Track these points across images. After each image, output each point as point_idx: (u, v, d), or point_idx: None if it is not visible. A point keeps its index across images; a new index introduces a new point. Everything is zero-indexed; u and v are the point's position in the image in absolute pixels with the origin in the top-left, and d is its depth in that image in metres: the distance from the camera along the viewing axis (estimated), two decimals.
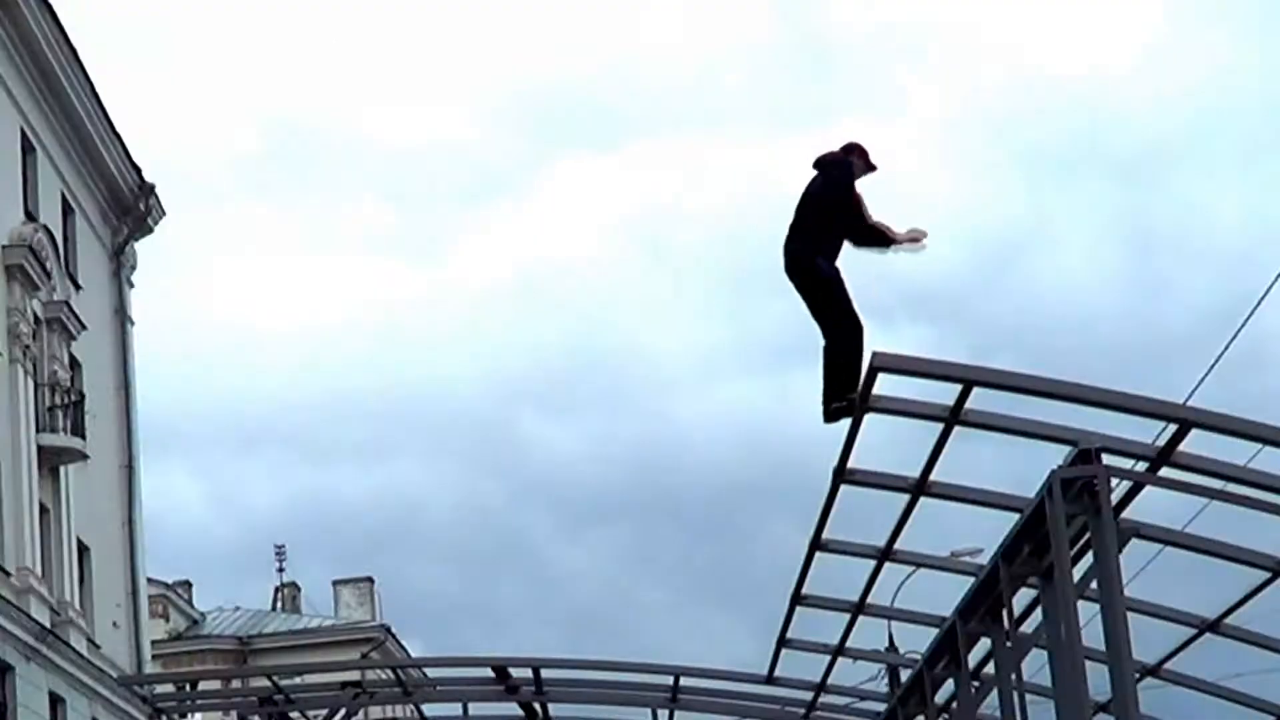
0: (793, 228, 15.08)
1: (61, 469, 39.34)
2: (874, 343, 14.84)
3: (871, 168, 15.19)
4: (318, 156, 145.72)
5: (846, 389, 14.93)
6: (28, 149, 39.74)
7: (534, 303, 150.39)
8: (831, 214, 15.04)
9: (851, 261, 15.24)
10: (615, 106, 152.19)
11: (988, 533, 18.44)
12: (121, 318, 45.47)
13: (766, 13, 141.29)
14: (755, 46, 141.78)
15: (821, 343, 15.09)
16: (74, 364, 40.67)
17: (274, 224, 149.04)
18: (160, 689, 39.33)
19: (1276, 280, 19.03)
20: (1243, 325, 20.03)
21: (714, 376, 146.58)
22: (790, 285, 15.04)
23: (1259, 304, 19.36)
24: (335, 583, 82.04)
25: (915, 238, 15.31)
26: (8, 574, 35.57)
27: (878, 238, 15.21)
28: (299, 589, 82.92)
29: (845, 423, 15.36)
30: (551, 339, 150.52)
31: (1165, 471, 15.34)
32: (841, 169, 15.07)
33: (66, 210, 42.21)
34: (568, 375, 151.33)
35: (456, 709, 31.11)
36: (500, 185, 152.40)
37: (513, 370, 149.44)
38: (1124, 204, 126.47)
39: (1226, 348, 17.78)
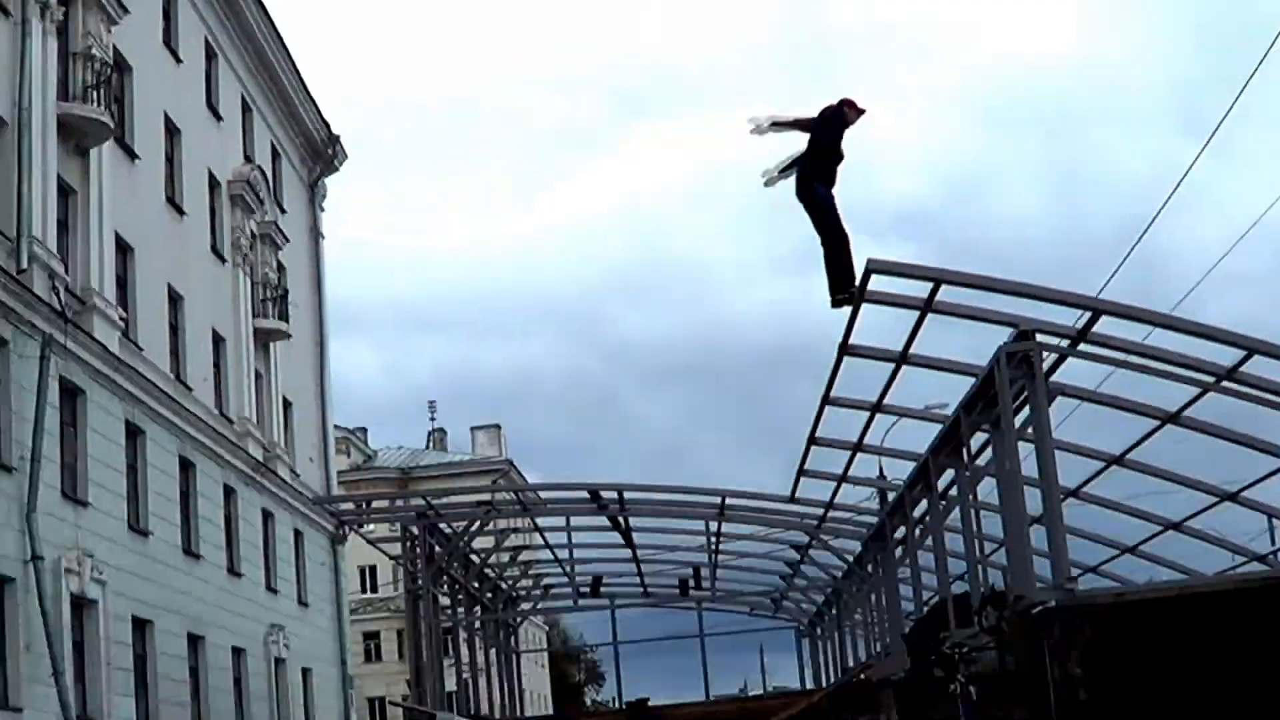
0: (802, 160, 15.20)
1: (271, 345, 39.82)
2: (869, 252, 14.98)
3: (860, 112, 15.21)
4: (461, 113, 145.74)
5: (846, 285, 15.07)
6: (246, 109, 40.08)
7: (621, 225, 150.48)
8: (828, 152, 15.13)
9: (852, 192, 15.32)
10: (675, 82, 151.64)
11: (952, 392, 18.54)
12: (315, 234, 45.84)
13: (781, 12, 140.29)
14: (775, 38, 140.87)
15: (821, 251, 15.25)
16: (280, 267, 41.08)
17: (431, 165, 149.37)
18: (344, 506, 39.79)
19: (1162, 209, 19.11)
20: (1139, 240, 20.13)
21: (752, 277, 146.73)
22: (799, 205, 15.17)
23: (1151, 224, 19.46)
24: (473, 428, 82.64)
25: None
26: (231, 421, 36.08)
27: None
28: (445, 433, 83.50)
29: (847, 310, 15.53)
30: (634, 251, 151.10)
31: (1083, 346, 15.43)
32: (836, 118, 15.12)
33: (274, 154, 42.59)
34: (644, 277, 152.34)
35: (561, 521, 31.38)
36: (594, 141, 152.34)
37: (606, 273, 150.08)
38: (1056, 150, 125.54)
39: (1127, 256, 17.80)
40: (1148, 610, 13.84)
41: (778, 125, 15.13)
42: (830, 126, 15.06)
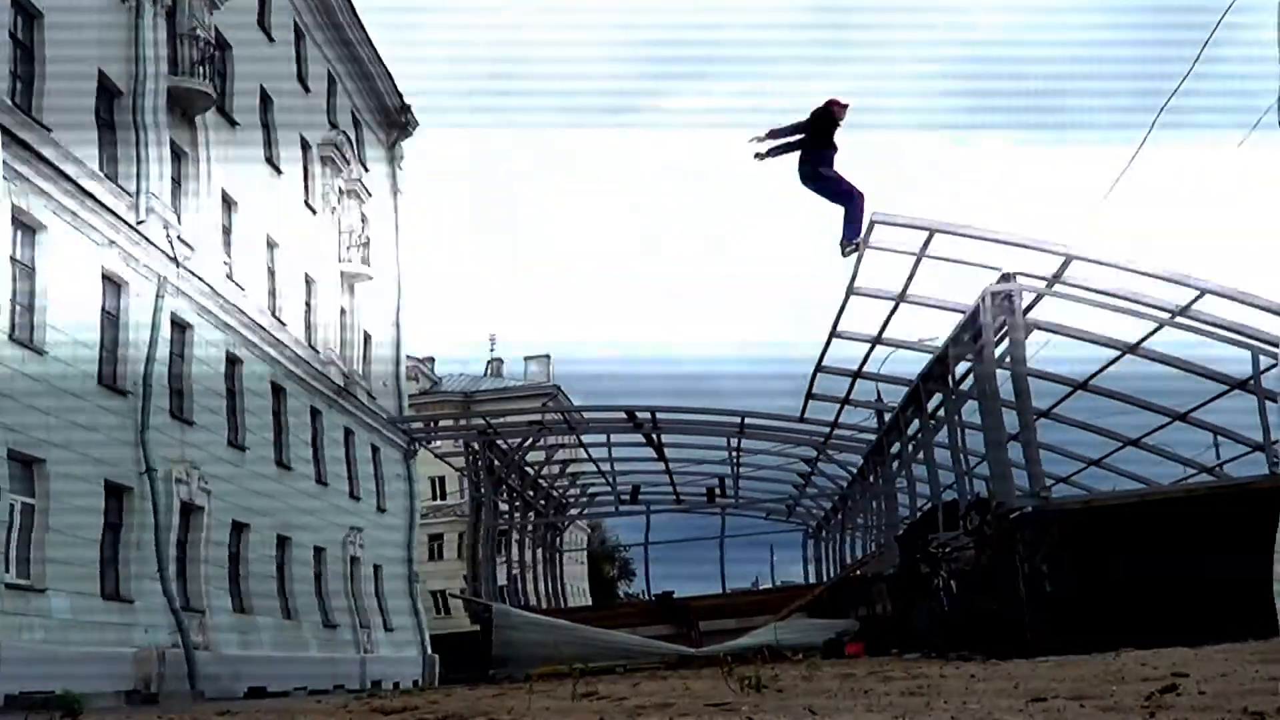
0: (800, 158, 15.20)
1: (354, 285, 40.07)
2: (875, 206, 15.07)
3: (845, 107, 15.14)
4: (517, 81, 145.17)
5: (854, 238, 15.17)
6: (331, 82, 40.23)
7: (658, 179, 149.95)
8: (821, 143, 15.11)
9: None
10: (704, 53, 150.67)
11: (941, 327, 18.64)
12: (394, 189, 45.93)
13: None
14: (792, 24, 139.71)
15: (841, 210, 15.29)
16: (364, 219, 41.25)
17: (490, 130, 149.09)
18: (414, 426, 40.09)
19: (1130, 164, 19.14)
20: (1110, 190, 20.10)
21: (774, 230, 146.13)
22: (808, 190, 15.19)
23: (1119, 178, 19.52)
24: (526, 358, 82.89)
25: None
26: (317, 351, 36.42)
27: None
28: (502, 361, 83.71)
29: (854, 256, 15.68)
30: (671, 209, 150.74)
31: (1057, 287, 15.58)
32: (826, 117, 15.11)
33: (356, 122, 42.71)
34: (677, 227, 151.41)
35: (602, 438, 31.59)
36: (631, 106, 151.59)
37: (646, 226, 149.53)
38: (1031, 112, 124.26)
39: (1097, 210, 17.81)
40: (1112, 514, 14.07)
41: (775, 150, 15.07)
42: (822, 125, 15.08)
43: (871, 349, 19.92)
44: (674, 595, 29.67)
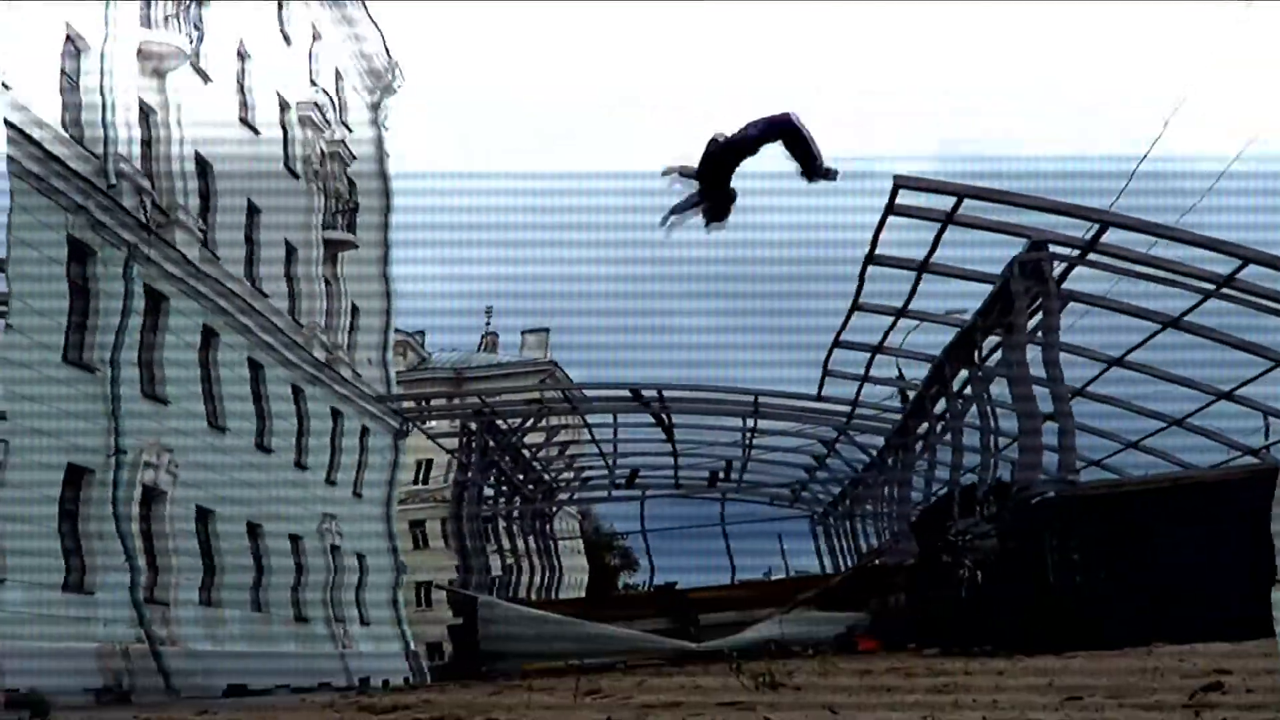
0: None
1: (339, 254, 40.01)
2: (898, 169, 14.96)
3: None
4: (511, 50, 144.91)
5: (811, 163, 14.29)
6: (315, 38, 40.07)
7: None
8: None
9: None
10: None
11: (968, 299, 18.56)
12: (379, 151, 45.82)
13: None
14: None
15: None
16: (350, 183, 41.20)
17: (483, 91, 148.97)
18: (405, 405, 40.01)
19: (1165, 127, 19.07)
20: (1145, 155, 20.04)
21: (785, 195, 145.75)
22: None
23: (1156, 141, 19.46)
24: (523, 332, 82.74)
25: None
26: (301, 325, 36.41)
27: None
28: (497, 336, 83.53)
29: (874, 222, 15.57)
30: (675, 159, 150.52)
31: (1091, 256, 15.50)
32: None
33: (339, 78, 42.53)
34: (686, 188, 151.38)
35: (603, 418, 31.46)
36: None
37: (650, 188, 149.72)
38: (1068, 67, 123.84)
39: (1134, 172, 17.75)
40: (1139, 500, 13.95)
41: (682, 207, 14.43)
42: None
43: (895, 322, 19.81)
44: (676, 586, 29.56)
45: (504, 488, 33.99)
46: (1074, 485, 14.55)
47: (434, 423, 35.14)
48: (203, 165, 30.82)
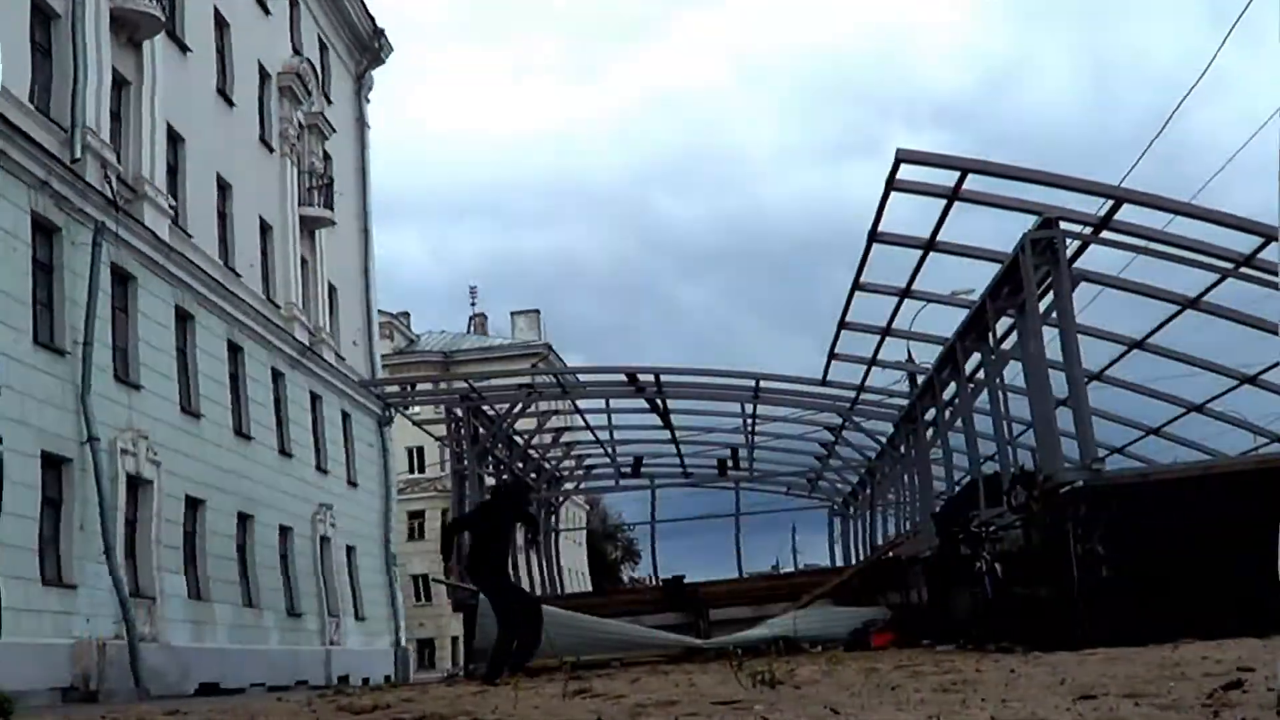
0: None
1: (317, 232, 40.02)
2: (904, 143, 14.91)
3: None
4: (509, 6, 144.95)
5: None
6: (294, 3, 39.99)
7: (663, 113, 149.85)
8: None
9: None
10: None
11: (978, 278, 18.51)
12: (361, 124, 45.82)
13: None
14: None
15: None
16: (327, 157, 41.23)
17: (476, 57, 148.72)
18: (389, 389, 39.95)
19: (1185, 98, 18.97)
20: (1162, 129, 19.97)
21: (790, 166, 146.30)
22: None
23: (1173, 113, 19.38)
24: (513, 313, 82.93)
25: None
26: (278, 306, 36.38)
27: None
28: (486, 317, 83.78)
29: (877, 197, 15.50)
30: (676, 139, 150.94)
31: (1105, 234, 15.41)
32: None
33: (322, 47, 42.60)
34: (686, 165, 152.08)
35: (599, 404, 31.34)
36: (640, 28, 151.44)
37: (647, 160, 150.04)
38: (1086, 42, 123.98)
39: (1150, 145, 17.73)
40: (1172, 488, 13.87)
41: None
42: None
43: (900, 303, 19.73)
44: (684, 580, 29.48)
45: (505, 477, 33.92)
46: (1100, 474, 14.44)
47: (418, 408, 35.12)
48: (175, 138, 30.73)
